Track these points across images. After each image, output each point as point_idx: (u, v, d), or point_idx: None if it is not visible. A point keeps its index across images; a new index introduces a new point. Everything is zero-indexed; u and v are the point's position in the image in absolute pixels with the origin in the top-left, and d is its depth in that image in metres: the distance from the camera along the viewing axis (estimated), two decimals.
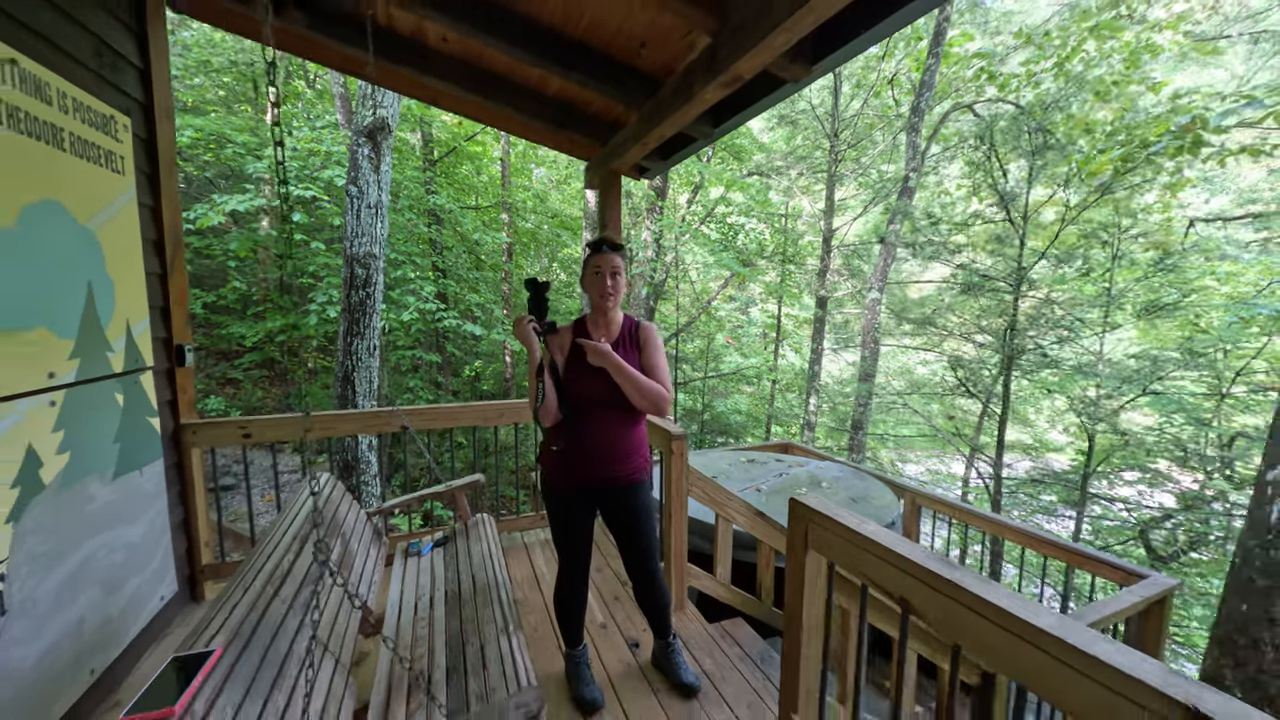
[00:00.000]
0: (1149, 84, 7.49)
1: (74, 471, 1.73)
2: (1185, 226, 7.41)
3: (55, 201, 1.68)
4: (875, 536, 1.27)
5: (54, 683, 1.61)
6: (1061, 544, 2.98)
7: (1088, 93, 7.90)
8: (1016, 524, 3.34)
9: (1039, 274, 6.90)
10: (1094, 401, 5.80)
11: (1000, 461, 5.91)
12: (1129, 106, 7.78)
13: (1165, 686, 0.75)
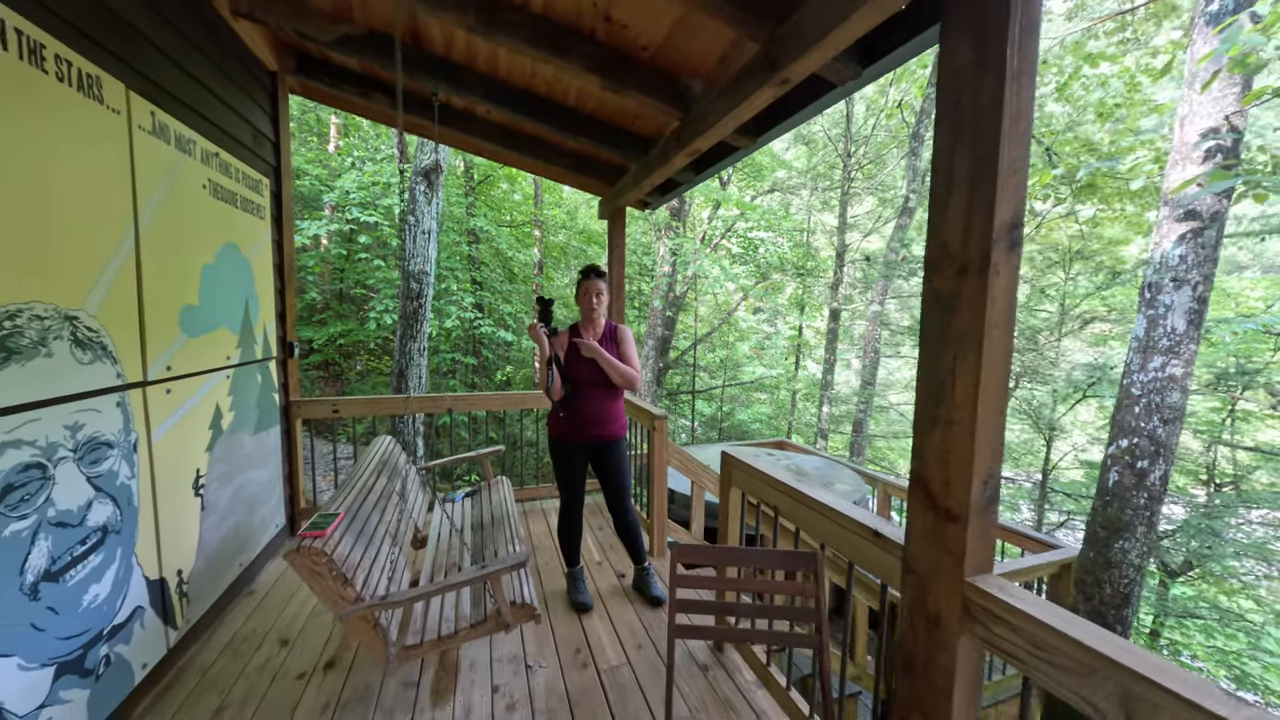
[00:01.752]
0: (1151, 106, 7.77)
1: (236, 424, 2.54)
2: None
3: (233, 243, 2.51)
4: (761, 468, 1.92)
5: (224, 562, 2.41)
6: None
7: (1091, 114, 8.22)
8: None
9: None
10: (1050, 405, 6.12)
11: None
12: (1134, 128, 8.06)
13: (879, 527, 1.39)
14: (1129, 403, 2.33)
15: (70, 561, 1.51)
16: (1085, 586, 2.40)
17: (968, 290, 1.07)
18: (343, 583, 1.52)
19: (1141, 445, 2.25)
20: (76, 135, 1.55)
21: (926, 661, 1.19)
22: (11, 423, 1.33)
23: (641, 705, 1.91)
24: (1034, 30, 1.02)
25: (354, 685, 1.99)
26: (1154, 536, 2.29)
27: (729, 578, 1.52)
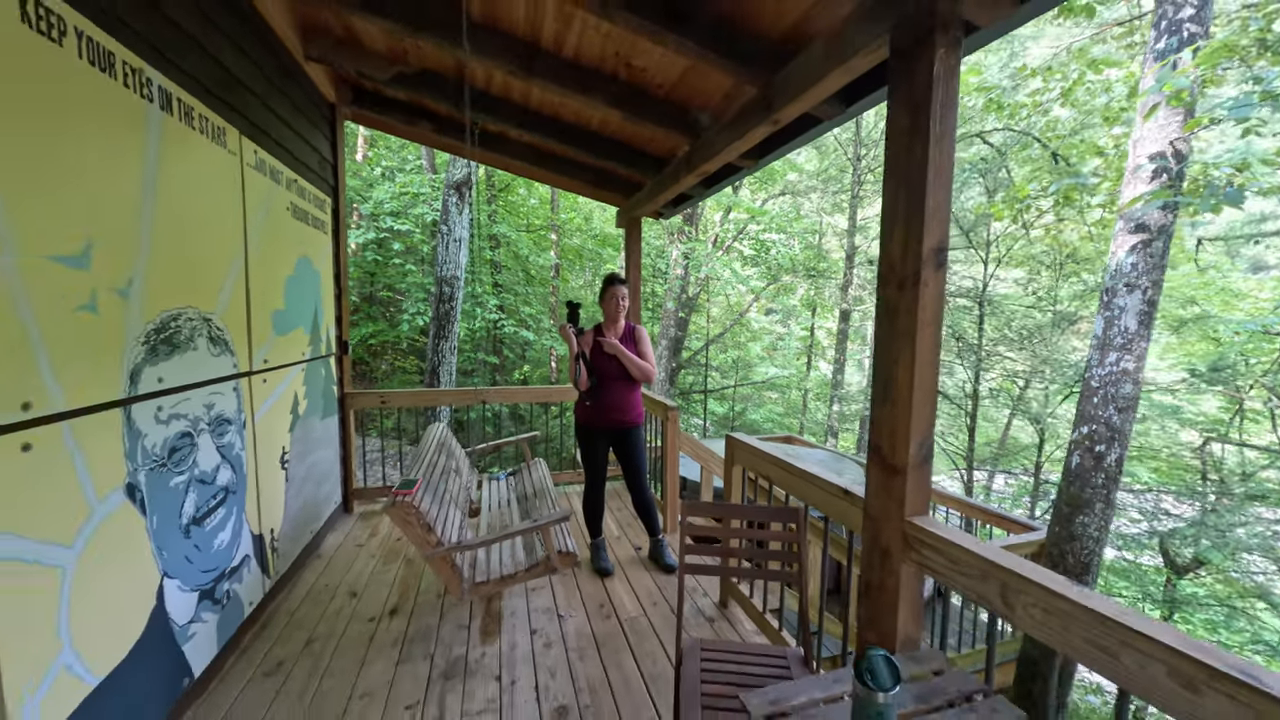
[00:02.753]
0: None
1: (309, 410, 2.96)
2: (1195, 244, 7.75)
3: (306, 255, 2.93)
4: (756, 445, 2.27)
5: (301, 527, 2.82)
6: (978, 505, 3.78)
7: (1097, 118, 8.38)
8: (953, 494, 4.13)
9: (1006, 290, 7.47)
10: (1043, 402, 6.34)
11: (971, 453, 6.52)
12: (1119, 140, 8.19)
13: (847, 485, 1.74)
14: (1089, 394, 2.61)
15: (207, 512, 1.92)
16: (1052, 558, 2.69)
17: (905, 299, 1.41)
18: (426, 530, 1.91)
19: (1099, 431, 2.54)
20: (210, 176, 1.96)
21: (879, 585, 1.53)
22: (175, 400, 1.74)
23: (656, 645, 2.27)
24: (953, 104, 1.36)
25: (416, 626, 2.38)
26: (1110, 513, 2.57)
27: (728, 528, 1.87)
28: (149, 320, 1.61)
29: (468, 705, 1.90)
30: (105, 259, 1.43)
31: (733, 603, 2.57)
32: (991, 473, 9.36)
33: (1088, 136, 8.70)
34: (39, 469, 1.23)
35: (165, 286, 1.69)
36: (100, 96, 1.42)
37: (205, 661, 1.90)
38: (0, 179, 1.13)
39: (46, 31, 1.25)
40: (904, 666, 1.16)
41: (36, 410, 1.22)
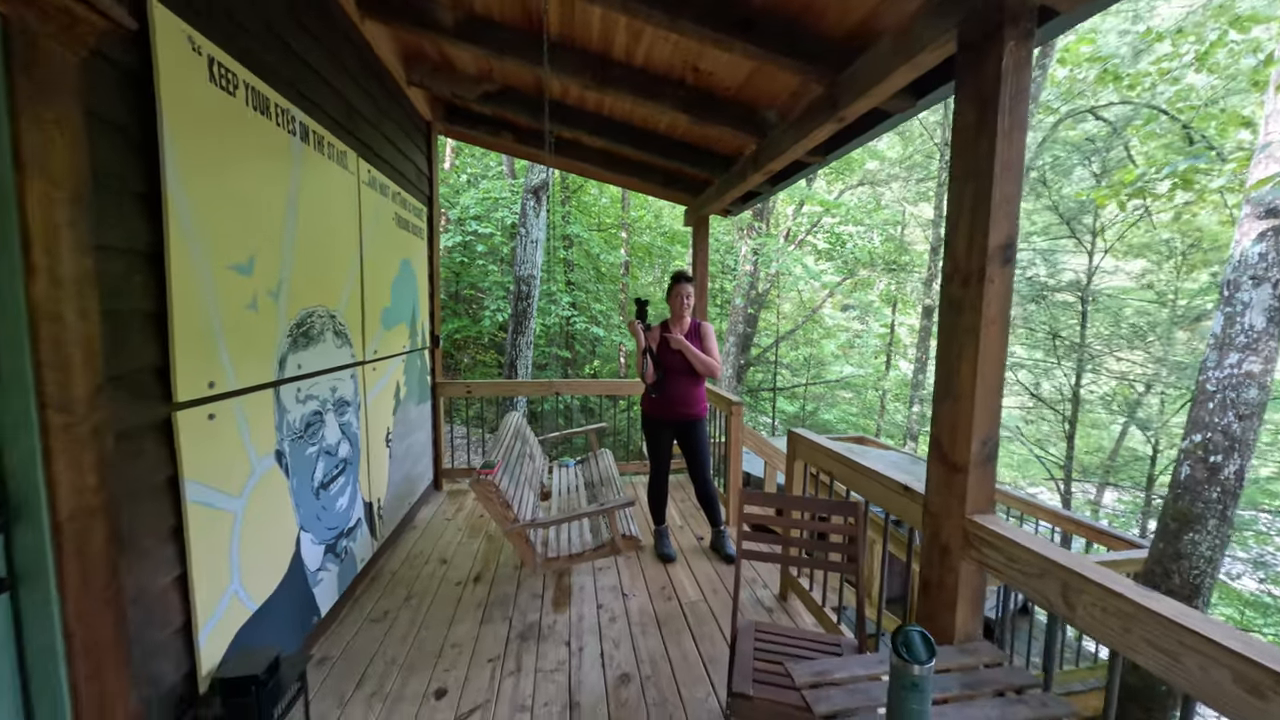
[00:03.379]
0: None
1: (408, 396, 3.34)
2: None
3: (407, 259, 3.30)
4: (819, 441, 2.30)
5: (399, 500, 3.20)
6: (1072, 517, 3.49)
7: (1243, 83, 7.26)
8: (1048, 506, 3.84)
9: None
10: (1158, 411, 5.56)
11: (1070, 463, 5.89)
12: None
13: (908, 482, 1.74)
14: (1204, 398, 2.33)
15: (332, 478, 2.27)
16: (1154, 577, 2.45)
17: (970, 295, 1.41)
18: (505, 506, 2.14)
19: (1215, 440, 2.26)
20: (335, 194, 2.30)
21: (939, 583, 1.53)
22: (310, 383, 2.08)
23: (715, 629, 2.36)
24: (1024, 95, 1.33)
25: (496, 593, 2.64)
26: (1226, 531, 2.29)
27: (786, 519, 1.92)
28: (291, 317, 1.95)
29: (541, 664, 2.11)
30: (262, 267, 1.76)
31: (792, 596, 2.60)
32: (1100, 486, 8.43)
33: (1229, 105, 7.54)
34: (218, 434, 1.56)
35: (303, 289, 2.02)
36: (260, 134, 1.74)
37: (329, 604, 2.26)
38: (197, 204, 1.45)
39: (226, 86, 1.57)
40: (952, 655, 1.19)
41: (218, 388, 1.55)
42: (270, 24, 1.83)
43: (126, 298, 1.25)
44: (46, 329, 1.03)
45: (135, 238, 1.28)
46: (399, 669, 2.06)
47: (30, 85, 1.00)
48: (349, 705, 1.87)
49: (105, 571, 1.14)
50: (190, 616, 1.45)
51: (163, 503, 1.37)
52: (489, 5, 2.48)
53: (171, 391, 1.38)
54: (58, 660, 1.06)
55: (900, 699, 0.90)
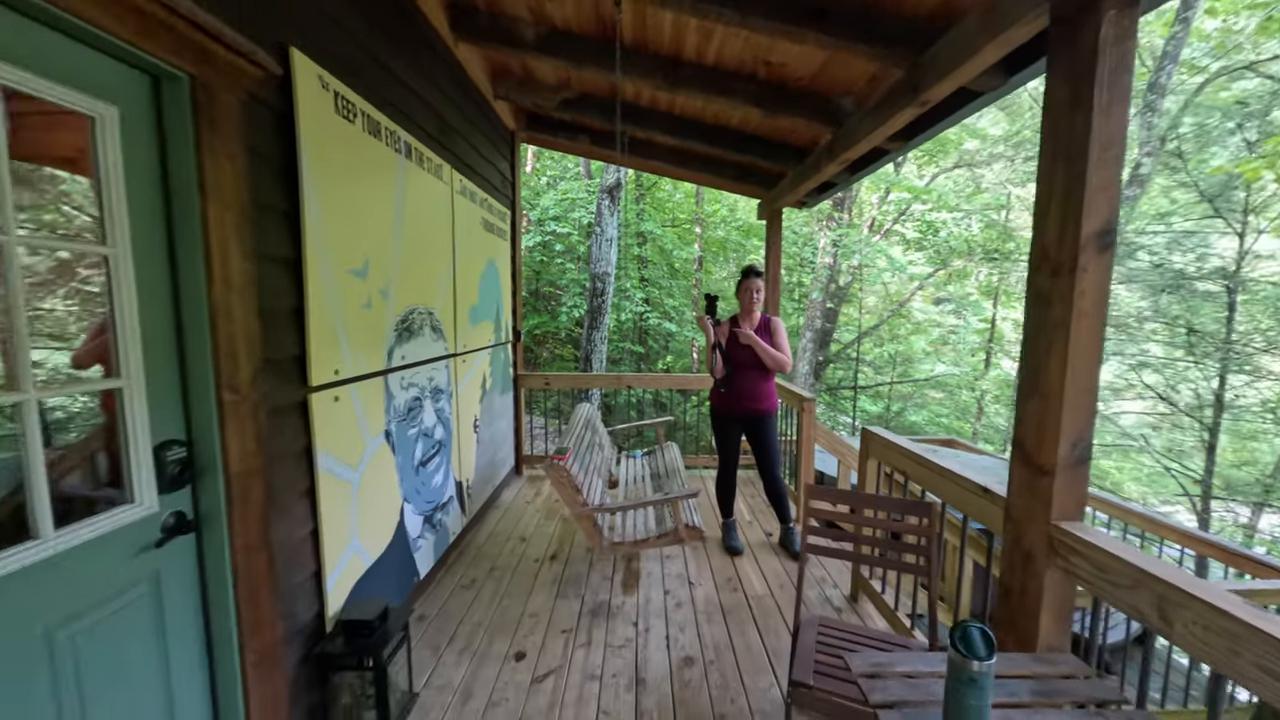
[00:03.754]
0: None
1: (493, 387, 3.63)
2: None
3: (492, 259, 3.58)
4: (894, 439, 2.22)
5: (485, 482, 3.49)
6: (1207, 539, 3.06)
7: None
8: (1179, 526, 3.38)
9: None
10: None
11: (1210, 477, 5.04)
12: None
13: (991, 485, 1.66)
14: None
15: (429, 457, 2.55)
16: None
17: (1060, 287, 1.32)
18: (575, 490, 2.29)
19: None
20: (433, 203, 2.57)
21: (1020, 590, 1.45)
22: (411, 373, 2.35)
23: (780, 623, 2.37)
24: (1126, 66, 1.23)
25: (570, 571, 2.82)
26: None
27: (857, 517, 1.89)
28: (397, 314, 2.21)
29: (610, 639, 2.24)
30: (375, 271, 2.02)
31: (864, 598, 2.53)
32: (1256, 507, 7.18)
33: None
34: (341, 414, 1.83)
35: (407, 289, 2.29)
36: (373, 154, 2.00)
37: (426, 568, 2.54)
38: (325, 218, 1.71)
39: (347, 115, 1.82)
40: (1024, 662, 1.14)
41: (341, 375, 1.81)
42: (380, 58, 2.08)
43: (275, 298, 1.52)
44: (222, 324, 1.28)
45: (281, 248, 1.55)
46: (484, 631, 2.28)
47: (209, 128, 1.25)
48: (443, 657, 2.11)
49: (261, 520, 1.40)
50: (320, 566, 1.72)
51: (300, 468, 1.64)
52: (567, 19, 2.63)
53: (307, 376, 1.65)
54: (228, 587, 1.33)
55: (956, 694, 0.90)
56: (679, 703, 1.89)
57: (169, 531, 1.22)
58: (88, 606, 1.07)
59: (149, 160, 1.19)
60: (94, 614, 1.08)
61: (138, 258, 1.16)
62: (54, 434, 1.34)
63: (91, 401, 1.41)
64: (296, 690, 1.60)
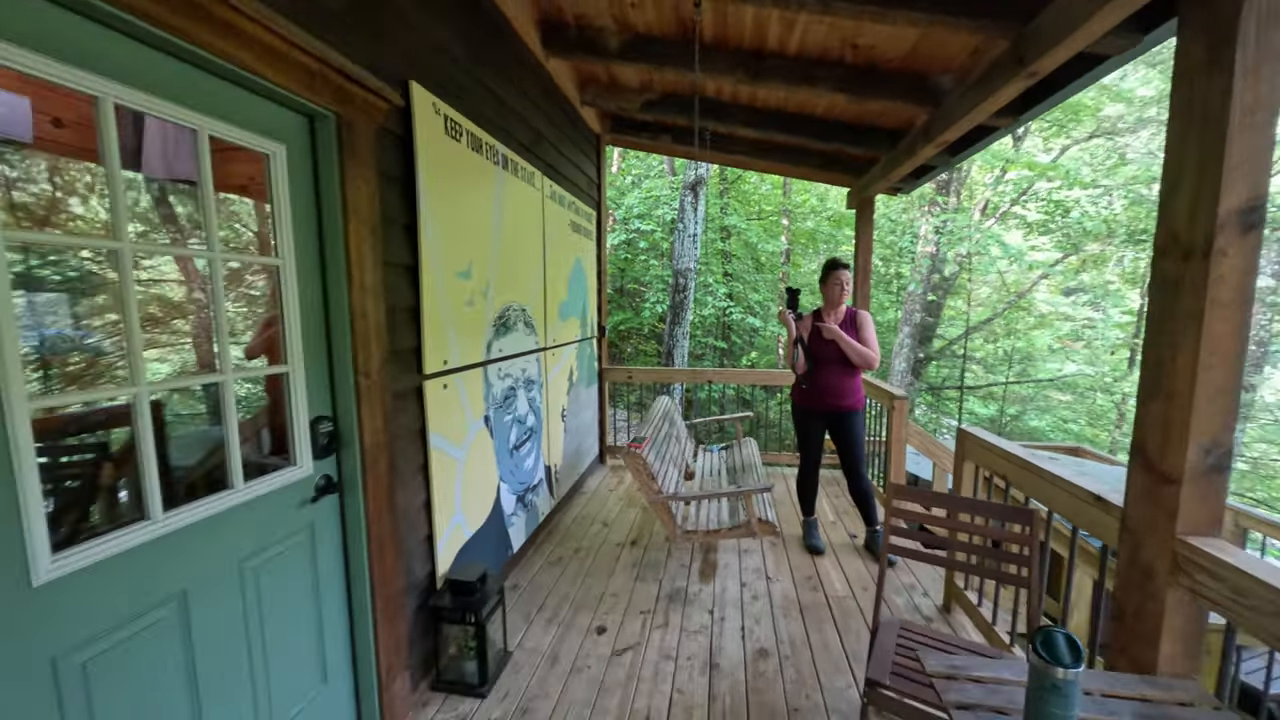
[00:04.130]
0: None
1: (579, 379, 3.84)
2: None
3: (579, 258, 3.78)
4: (993, 440, 2.07)
5: (571, 469, 3.72)
6: None
7: None
8: None
9: None
10: None
11: None
12: None
13: (1100, 493, 1.51)
14: None
15: (521, 442, 2.79)
16: None
17: (1191, 273, 1.17)
18: (650, 478, 2.39)
19: None
20: (526, 209, 2.79)
21: (1136, 611, 1.31)
22: (507, 365, 2.59)
23: (862, 625, 2.30)
24: (1277, 20, 1.06)
25: (649, 557, 2.93)
26: None
27: (951, 520, 1.79)
28: (495, 311, 2.45)
29: (686, 624, 2.32)
30: (477, 272, 2.25)
31: (957, 609, 2.38)
32: None
33: None
34: (449, 400, 2.08)
35: (504, 288, 2.52)
36: (475, 168, 2.23)
37: (519, 544, 2.78)
38: (436, 228, 1.94)
39: (454, 135, 2.05)
40: (1131, 683, 1.04)
41: (450, 365, 2.06)
42: (481, 79, 2.31)
43: (397, 298, 1.77)
44: (359, 321, 1.53)
45: (403, 255, 1.79)
46: (569, 604, 2.46)
47: (351, 157, 1.50)
48: (532, 624, 2.31)
49: (387, 487, 1.65)
50: (431, 531, 1.97)
51: (416, 446, 1.89)
52: (649, 24, 2.72)
53: (422, 366, 1.89)
54: (363, 540, 1.59)
55: (1038, 701, 0.86)
56: (752, 690, 1.92)
57: (320, 490, 1.49)
58: (266, 544, 1.35)
59: (305, 186, 1.45)
60: (269, 551, 1.36)
61: (299, 267, 1.42)
62: (224, 414, 1.68)
63: (256, 387, 1.74)
64: (414, 635, 1.86)
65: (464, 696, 1.89)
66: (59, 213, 2.79)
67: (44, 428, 1.18)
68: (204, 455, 1.54)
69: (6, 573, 0.86)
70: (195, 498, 1.19)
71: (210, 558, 1.21)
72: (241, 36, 1.14)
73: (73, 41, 0.94)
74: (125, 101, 1.02)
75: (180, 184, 2.03)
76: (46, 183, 2.66)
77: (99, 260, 2.79)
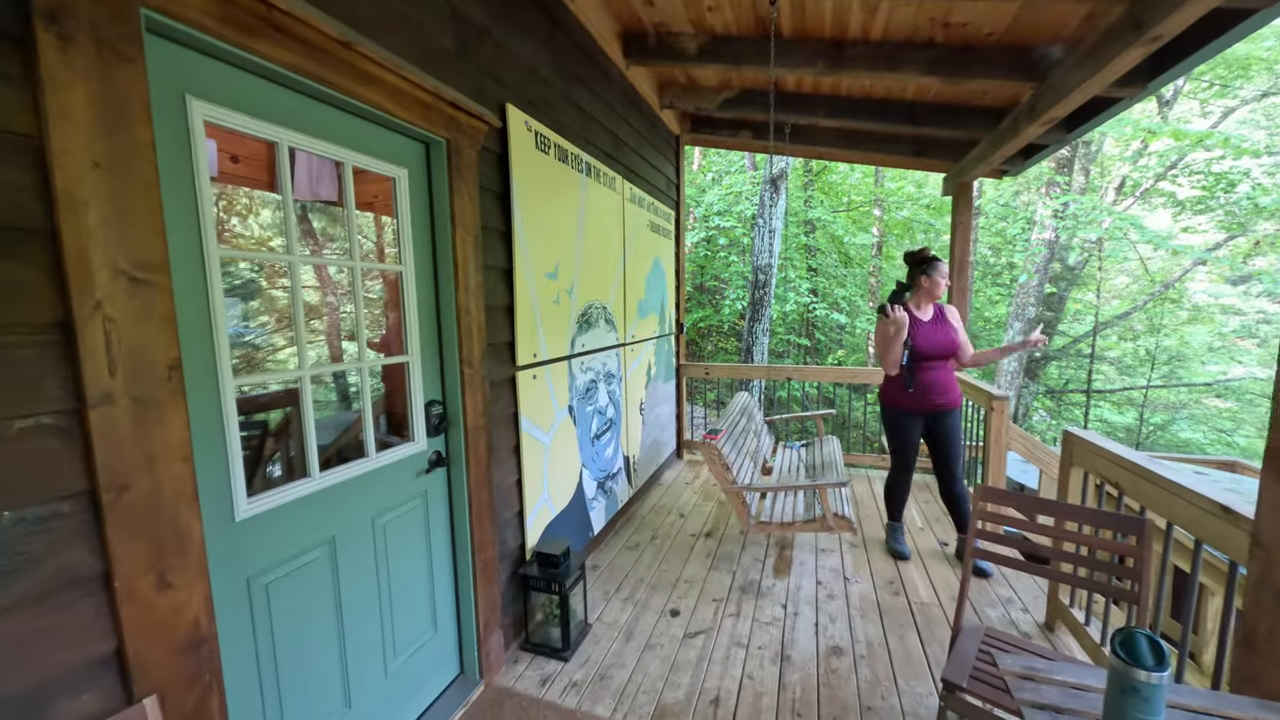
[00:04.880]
0: None
1: (657, 374, 3.97)
2: None
3: (657, 257, 3.90)
4: (1104, 445, 1.89)
5: (649, 461, 3.85)
6: None
7: None
8: None
9: None
10: None
11: None
12: None
13: (1227, 503, 1.36)
14: None
15: (602, 432, 2.96)
16: None
17: None
18: (725, 468, 2.45)
19: None
20: (607, 212, 2.95)
21: (1268, 635, 1.17)
22: (589, 359, 2.77)
23: (948, 632, 2.19)
24: None
25: (723, 549, 2.99)
26: None
27: (1057, 528, 1.67)
28: (579, 309, 2.63)
29: (758, 615, 2.35)
30: (563, 273, 2.45)
31: (1062, 628, 2.19)
32: None
33: None
34: (538, 390, 2.28)
35: (587, 287, 2.70)
36: (562, 178, 2.42)
37: (599, 527, 2.96)
38: (528, 234, 2.15)
39: (543, 149, 2.25)
40: (1246, 706, 0.95)
41: (539, 358, 2.27)
42: (568, 96, 2.49)
43: (495, 297, 1.99)
44: (463, 318, 1.76)
45: (499, 260, 2.02)
46: (645, 587, 2.59)
47: (458, 175, 1.72)
48: (610, 601, 2.47)
49: (485, 465, 1.88)
50: (522, 507, 2.19)
51: (509, 430, 2.11)
52: (727, 24, 2.76)
53: (515, 358, 2.11)
54: (465, 510, 1.82)
55: (1117, 704, 0.83)
56: (823, 685, 1.93)
57: (432, 464, 1.74)
58: (390, 506, 1.61)
59: (422, 203, 1.70)
60: (393, 512, 1.62)
61: (417, 273, 1.67)
62: (352, 398, 1.99)
63: (373, 378, 2.05)
64: (506, 599, 2.08)
65: (549, 659, 2.09)
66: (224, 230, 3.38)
67: None
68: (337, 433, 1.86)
69: (220, 508, 1.14)
70: (333, 466, 1.46)
71: (351, 511, 1.47)
72: (377, 82, 1.38)
73: (260, 100, 1.20)
74: (295, 144, 1.28)
75: (319, 204, 2.41)
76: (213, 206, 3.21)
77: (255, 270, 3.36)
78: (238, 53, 1.09)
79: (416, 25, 1.56)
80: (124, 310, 0.89)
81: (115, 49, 0.88)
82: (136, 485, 0.90)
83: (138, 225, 0.91)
